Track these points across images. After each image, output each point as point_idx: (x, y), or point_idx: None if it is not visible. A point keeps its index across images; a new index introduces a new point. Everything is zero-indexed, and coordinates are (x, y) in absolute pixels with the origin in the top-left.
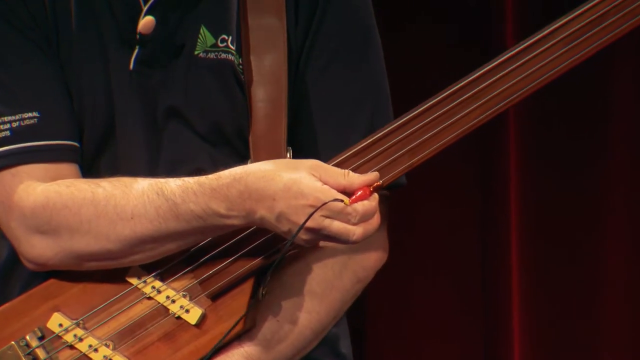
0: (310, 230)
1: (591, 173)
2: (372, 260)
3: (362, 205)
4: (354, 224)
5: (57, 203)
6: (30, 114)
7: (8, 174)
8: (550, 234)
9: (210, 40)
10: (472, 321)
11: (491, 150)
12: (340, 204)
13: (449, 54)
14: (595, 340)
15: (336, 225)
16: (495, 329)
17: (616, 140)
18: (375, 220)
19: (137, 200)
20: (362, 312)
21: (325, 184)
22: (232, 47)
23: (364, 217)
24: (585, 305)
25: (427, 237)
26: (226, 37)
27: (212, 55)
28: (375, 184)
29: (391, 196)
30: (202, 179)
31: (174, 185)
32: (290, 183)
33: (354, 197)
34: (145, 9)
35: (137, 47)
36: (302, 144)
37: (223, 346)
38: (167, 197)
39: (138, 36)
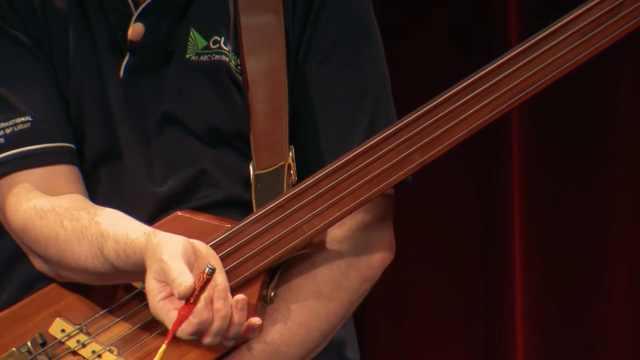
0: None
1: (595, 175)
2: (379, 259)
3: (183, 332)
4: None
5: (31, 233)
6: (23, 119)
7: (4, 183)
8: (553, 238)
9: (201, 42)
10: (474, 326)
11: (493, 152)
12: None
13: (452, 51)
14: (599, 345)
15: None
16: (497, 334)
17: (620, 142)
18: (222, 313)
19: (88, 252)
20: (362, 315)
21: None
22: (225, 48)
23: (198, 333)
24: (589, 309)
25: (427, 240)
26: (218, 39)
27: (205, 58)
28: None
29: (395, 194)
30: (128, 250)
31: (110, 247)
32: (147, 287)
33: (170, 334)
34: (135, 15)
35: (127, 54)
36: (302, 141)
37: (230, 350)
38: (107, 257)
39: (128, 43)
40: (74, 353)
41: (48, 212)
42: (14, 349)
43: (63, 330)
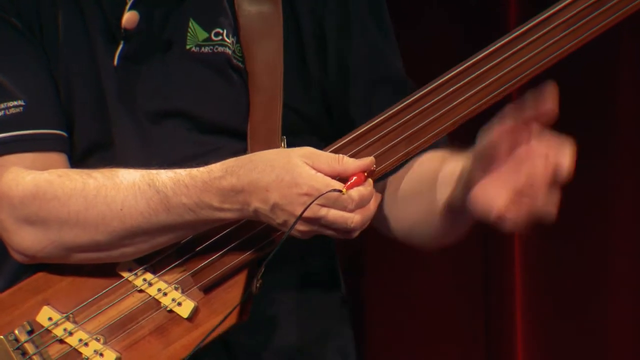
0: (307, 220)
1: (595, 167)
2: None
3: (358, 192)
4: (351, 211)
5: (47, 193)
6: (15, 103)
7: None
8: (554, 233)
9: (202, 34)
10: (474, 321)
11: None
12: (336, 193)
13: (451, 40)
14: (599, 341)
15: (333, 214)
16: (497, 329)
17: (620, 133)
18: (372, 205)
19: (128, 191)
20: (361, 311)
21: (319, 171)
22: (228, 40)
23: (361, 204)
24: (589, 305)
25: None
26: (221, 31)
27: (206, 50)
28: (370, 169)
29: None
30: (194, 171)
31: (165, 177)
32: (283, 173)
33: (349, 183)
34: (129, 3)
35: (121, 42)
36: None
37: (214, 338)
38: (159, 189)
39: (122, 31)
40: (61, 341)
41: (68, 171)
42: (1, 336)
43: (50, 319)
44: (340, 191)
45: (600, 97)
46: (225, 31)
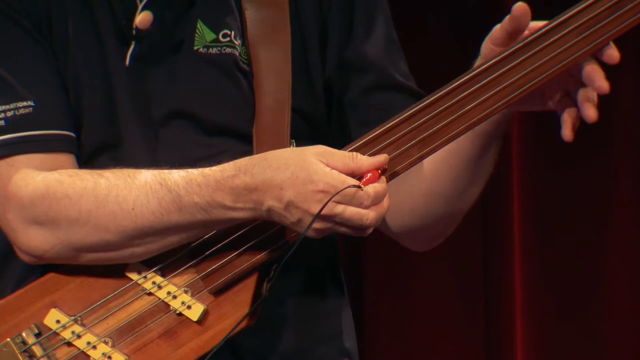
0: (323, 218)
1: (595, 169)
2: None
3: (373, 188)
4: (366, 208)
5: (57, 192)
6: (25, 103)
7: (4, 164)
8: (553, 232)
9: (209, 35)
10: (474, 321)
11: None
12: (353, 189)
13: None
14: (599, 341)
15: (350, 211)
16: (497, 329)
17: (621, 135)
18: (386, 202)
19: (140, 191)
20: (361, 311)
21: (333, 168)
22: (236, 41)
23: (376, 200)
24: (589, 305)
25: None
26: (229, 32)
27: (214, 50)
28: (384, 166)
29: None
30: (206, 170)
31: (177, 176)
32: (298, 170)
33: (364, 179)
34: (141, 4)
35: (133, 42)
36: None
37: (226, 343)
38: (170, 188)
39: (134, 31)
40: (69, 344)
41: (78, 171)
42: (8, 339)
43: (58, 321)
44: (359, 186)
45: (600, 97)
46: (233, 33)
